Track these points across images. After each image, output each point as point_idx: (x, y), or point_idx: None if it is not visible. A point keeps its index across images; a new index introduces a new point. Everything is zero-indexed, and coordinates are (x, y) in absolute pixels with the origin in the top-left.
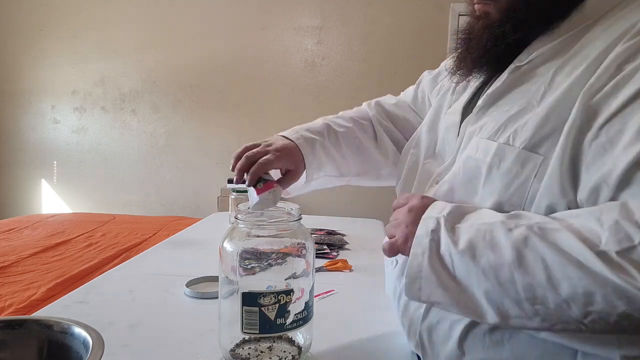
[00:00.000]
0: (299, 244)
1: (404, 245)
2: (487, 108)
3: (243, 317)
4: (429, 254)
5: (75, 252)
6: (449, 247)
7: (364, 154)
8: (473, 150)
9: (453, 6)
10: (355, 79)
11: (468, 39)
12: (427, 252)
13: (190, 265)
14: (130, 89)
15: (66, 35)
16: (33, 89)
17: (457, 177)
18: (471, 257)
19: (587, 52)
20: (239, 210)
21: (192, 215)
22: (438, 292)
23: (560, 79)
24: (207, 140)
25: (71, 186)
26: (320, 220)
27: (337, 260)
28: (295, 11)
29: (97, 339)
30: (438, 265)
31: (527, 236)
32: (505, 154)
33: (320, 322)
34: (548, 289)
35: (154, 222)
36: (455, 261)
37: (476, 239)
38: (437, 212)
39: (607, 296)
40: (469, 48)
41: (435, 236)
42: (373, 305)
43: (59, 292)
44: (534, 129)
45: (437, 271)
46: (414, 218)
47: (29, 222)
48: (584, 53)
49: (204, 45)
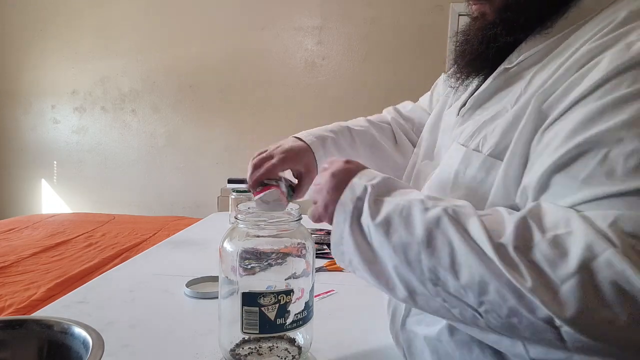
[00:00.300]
0: (299, 244)
1: (325, 211)
2: (472, 111)
3: (243, 317)
4: (349, 222)
5: (75, 252)
6: (368, 218)
7: (379, 152)
8: (447, 156)
9: (453, 6)
10: (355, 79)
11: (465, 41)
12: (349, 220)
13: (190, 265)
14: (130, 89)
15: (66, 35)
16: (33, 89)
17: (434, 182)
18: (385, 231)
19: (566, 54)
20: (239, 210)
21: (192, 215)
22: (356, 260)
23: (535, 81)
24: (207, 140)
25: (71, 186)
26: None
27: None
28: (295, 11)
29: (97, 339)
30: (357, 233)
31: (440, 217)
32: (472, 160)
33: (320, 322)
34: (449, 272)
35: (154, 222)
36: (372, 233)
37: (393, 214)
38: (367, 179)
39: (499, 289)
40: (464, 50)
41: (359, 204)
42: (373, 305)
43: (59, 292)
44: (500, 134)
45: (356, 239)
46: (336, 184)
47: (29, 222)
48: (564, 55)
49: (204, 45)
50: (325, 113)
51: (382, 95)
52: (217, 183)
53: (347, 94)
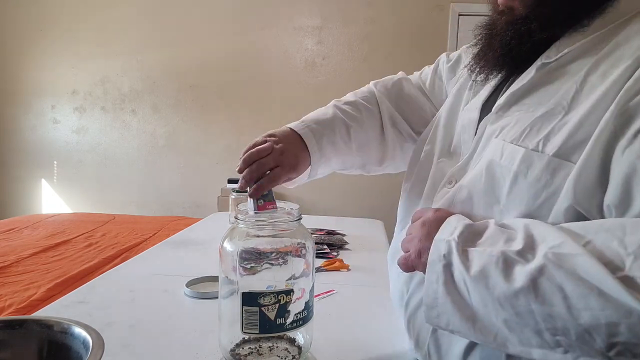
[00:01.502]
0: (299, 244)
1: (418, 259)
2: (508, 107)
3: (243, 317)
4: (443, 280)
5: (75, 252)
6: (462, 274)
7: (368, 149)
8: (497, 155)
9: (453, 6)
10: (355, 79)
11: (490, 35)
12: (442, 278)
13: (190, 265)
14: (130, 89)
15: (66, 35)
16: (33, 89)
17: (477, 184)
18: (485, 285)
19: (622, 52)
20: (239, 210)
21: (192, 215)
22: (456, 320)
23: (594, 80)
24: (207, 140)
25: (71, 186)
26: (320, 220)
27: (335, 259)
28: (295, 11)
29: (97, 339)
30: (453, 292)
31: (542, 264)
32: (534, 161)
33: (320, 322)
34: (568, 320)
35: (154, 222)
36: (470, 288)
37: (489, 266)
38: (448, 234)
39: (632, 326)
40: (491, 44)
41: (448, 261)
42: (373, 305)
43: (59, 292)
44: (567, 135)
45: (453, 298)
46: (427, 232)
47: (29, 222)
48: (618, 52)
49: (204, 45)
50: None
51: None
52: (217, 183)
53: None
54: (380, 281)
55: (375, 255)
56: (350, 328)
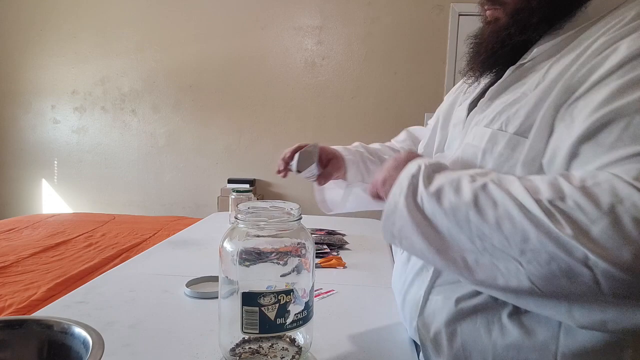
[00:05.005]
0: (299, 244)
1: (382, 186)
2: (490, 102)
3: (243, 317)
4: (405, 193)
5: (75, 252)
6: (422, 190)
7: None
8: (471, 138)
9: (453, 6)
10: (355, 79)
11: (478, 43)
12: (405, 192)
13: (190, 265)
14: (130, 89)
15: (66, 35)
16: (33, 89)
17: (456, 164)
18: (437, 198)
19: (581, 47)
20: (239, 210)
21: (192, 215)
22: (408, 227)
23: (553, 70)
24: (207, 140)
25: (71, 186)
26: (320, 220)
27: (331, 257)
28: (295, 11)
29: (97, 339)
30: (412, 204)
31: (485, 183)
32: (498, 139)
33: (320, 322)
34: (494, 227)
35: (154, 222)
36: (425, 201)
37: (444, 184)
38: (421, 160)
39: (538, 236)
40: (479, 51)
41: (415, 180)
42: (373, 304)
43: (59, 292)
44: (525, 115)
45: (410, 208)
46: (396, 165)
47: (29, 222)
48: (580, 47)
49: (204, 45)
50: (325, 113)
51: (382, 95)
52: (217, 183)
53: (347, 94)
54: (381, 281)
55: (375, 255)
56: (350, 328)
